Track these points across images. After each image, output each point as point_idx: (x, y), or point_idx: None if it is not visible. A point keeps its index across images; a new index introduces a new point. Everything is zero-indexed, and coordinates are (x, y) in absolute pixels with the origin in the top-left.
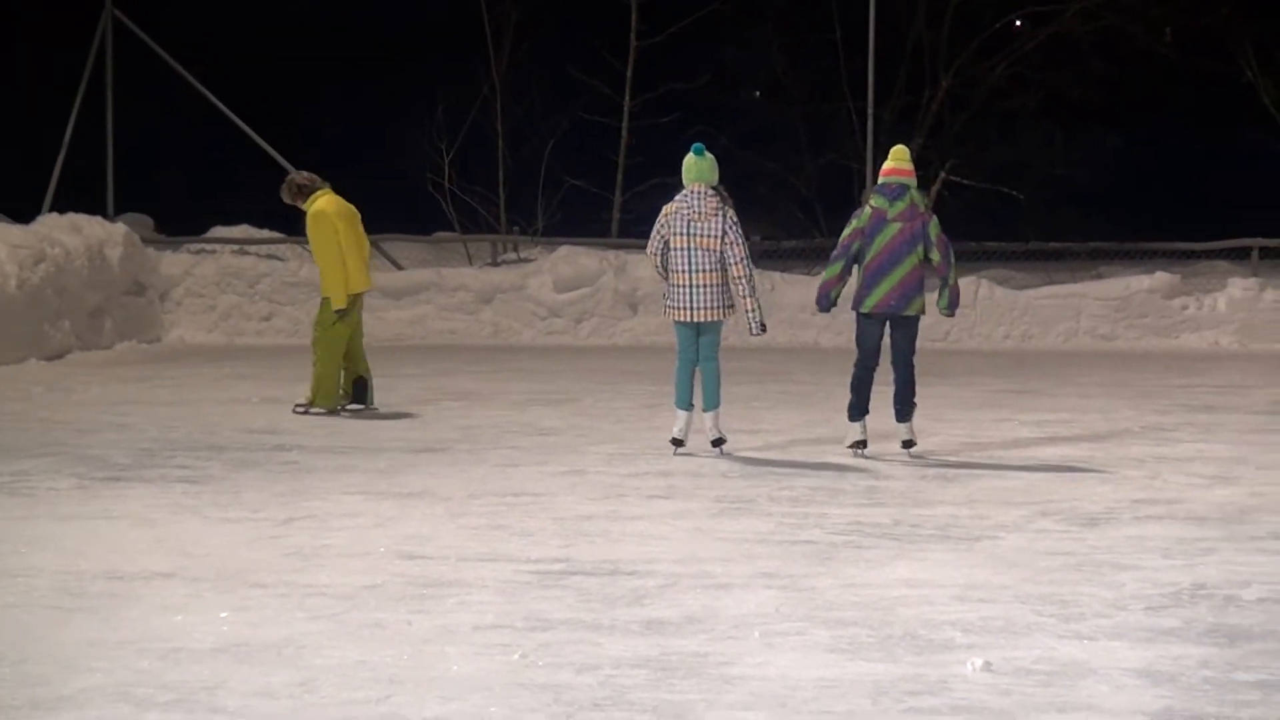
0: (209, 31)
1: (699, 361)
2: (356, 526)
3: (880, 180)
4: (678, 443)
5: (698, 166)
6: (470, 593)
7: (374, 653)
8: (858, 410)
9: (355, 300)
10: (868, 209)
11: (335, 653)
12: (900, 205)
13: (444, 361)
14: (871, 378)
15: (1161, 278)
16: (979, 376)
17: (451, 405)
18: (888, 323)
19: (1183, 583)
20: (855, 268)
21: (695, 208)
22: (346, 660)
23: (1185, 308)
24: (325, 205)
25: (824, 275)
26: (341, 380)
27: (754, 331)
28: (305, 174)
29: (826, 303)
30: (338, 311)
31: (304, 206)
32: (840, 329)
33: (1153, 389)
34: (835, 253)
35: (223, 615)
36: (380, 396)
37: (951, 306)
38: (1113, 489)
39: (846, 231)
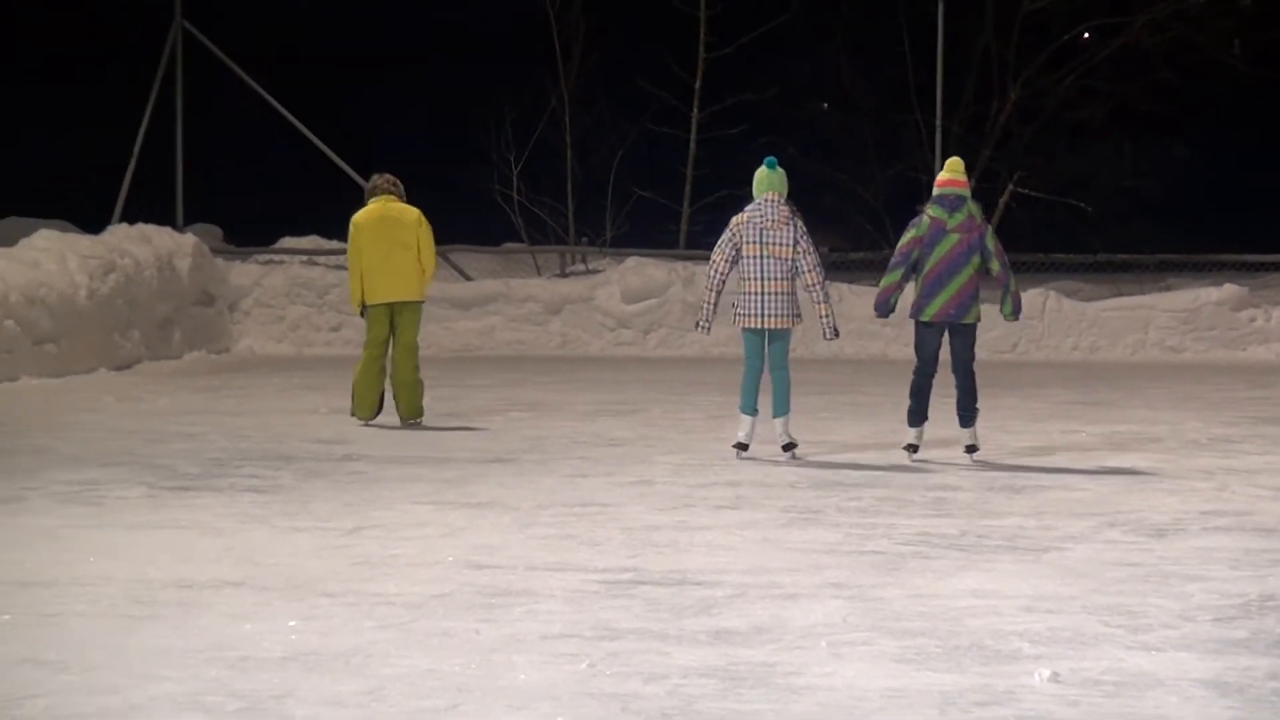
0: (278, 42)
1: (769, 369)
2: (424, 536)
3: (937, 191)
4: (742, 447)
5: (769, 178)
6: (538, 602)
7: (442, 661)
8: (916, 416)
9: (379, 310)
10: (926, 219)
11: (403, 661)
12: (959, 216)
13: (512, 372)
14: (930, 385)
15: (1230, 289)
16: (1046, 388)
17: (520, 416)
18: (946, 331)
19: (1251, 594)
20: (914, 276)
21: (768, 216)
22: (415, 669)
23: (1253, 320)
24: (357, 216)
25: (883, 282)
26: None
27: (827, 336)
28: (375, 178)
29: (885, 308)
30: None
31: None
32: (908, 340)
33: (1220, 401)
34: (894, 260)
35: (291, 624)
36: (448, 406)
37: (1016, 312)
38: (1180, 500)
39: (905, 239)
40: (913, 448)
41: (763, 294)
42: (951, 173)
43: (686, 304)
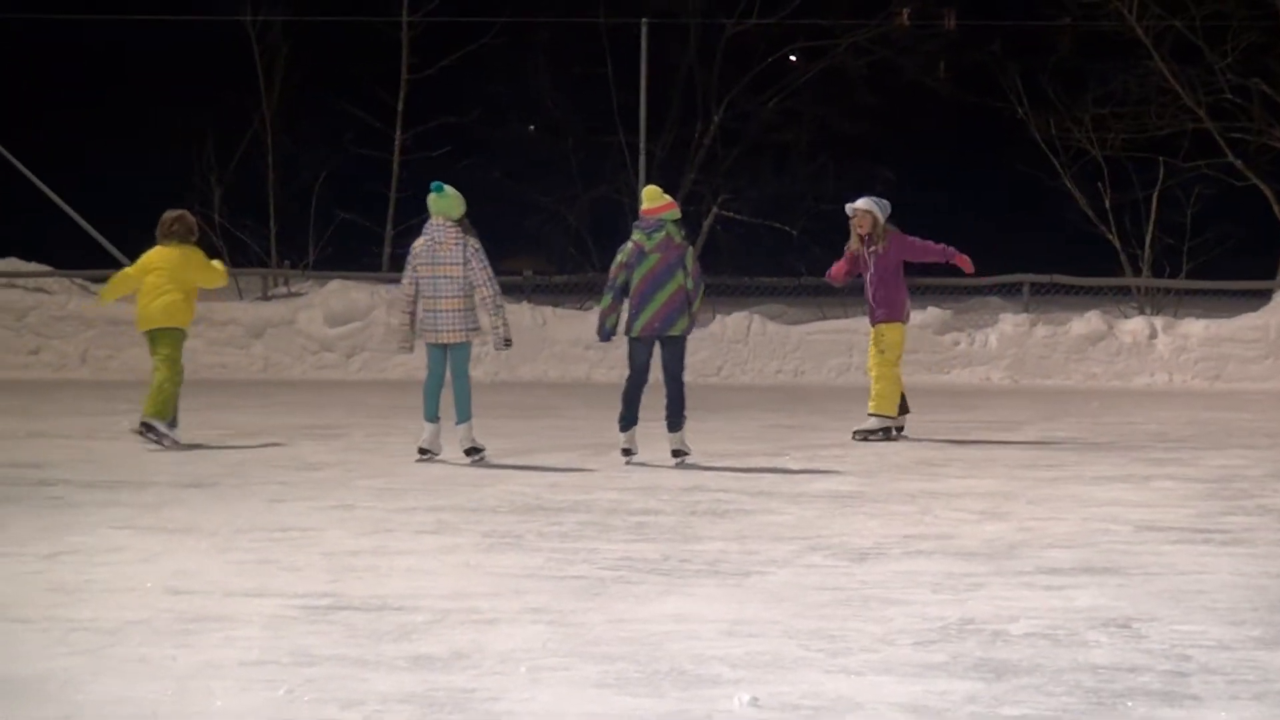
0: None
1: (451, 379)
2: (121, 561)
3: (640, 217)
4: (424, 452)
5: (435, 203)
6: (236, 628)
7: (137, 688)
8: (626, 420)
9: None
10: (630, 244)
11: (98, 688)
12: (657, 237)
13: (213, 396)
14: (639, 393)
15: (933, 313)
16: (751, 411)
17: (220, 440)
18: (656, 343)
19: (951, 618)
20: (625, 299)
21: (436, 239)
22: (109, 695)
23: (957, 343)
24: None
25: (599, 307)
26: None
27: (497, 346)
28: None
29: (605, 333)
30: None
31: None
32: (613, 364)
33: (924, 424)
34: (605, 286)
35: None
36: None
37: (689, 328)
38: (882, 524)
39: (613, 266)
40: (626, 452)
41: (438, 311)
42: (648, 201)
43: (390, 327)
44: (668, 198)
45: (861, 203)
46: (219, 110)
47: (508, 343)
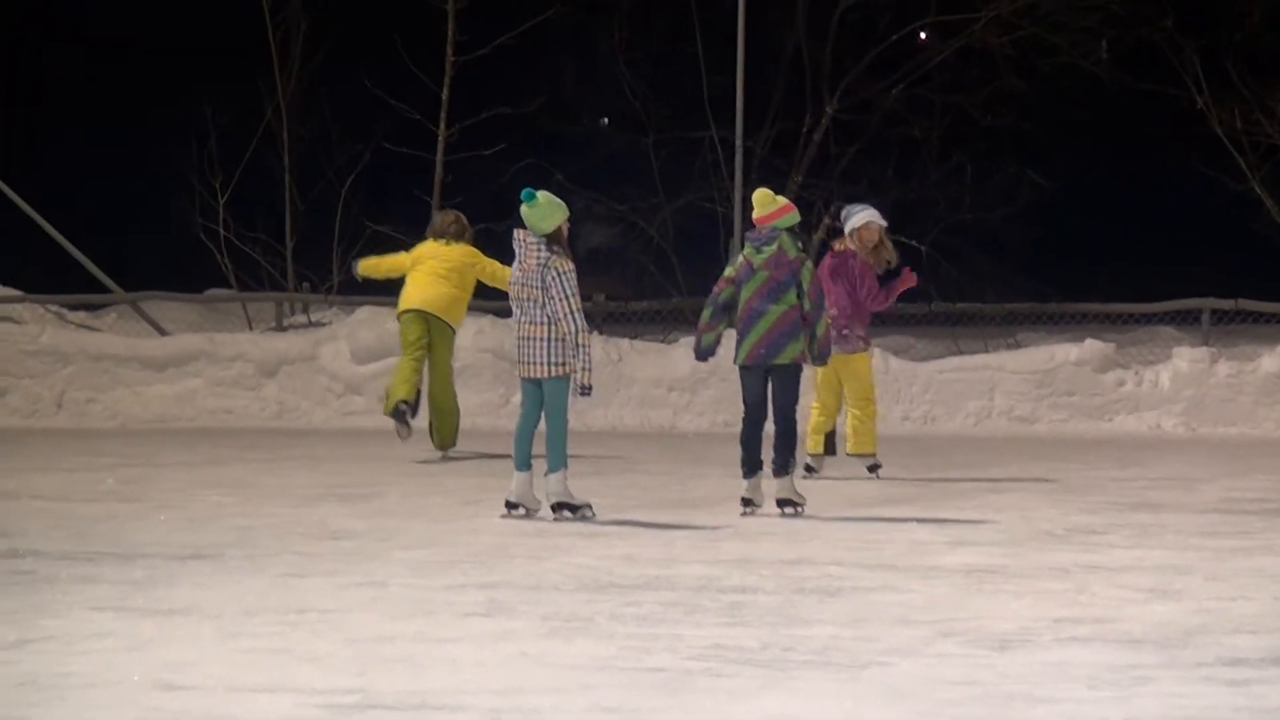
0: None
1: (545, 420)
2: (104, 650)
3: (752, 227)
4: (511, 506)
5: (525, 214)
6: None
7: None
8: (747, 466)
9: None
10: (740, 257)
11: None
12: (768, 251)
13: (217, 447)
14: (758, 432)
15: (1092, 346)
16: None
17: (224, 501)
18: (768, 374)
19: (1112, 718)
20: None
21: (520, 256)
22: None
23: (1121, 384)
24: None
25: (700, 323)
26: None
27: (576, 392)
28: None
29: (701, 351)
30: None
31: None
32: (702, 409)
33: (1080, 483)
34: (707, 300)
35: None
36: (135, 490)
37: (821, 357)
38: (1029, 605)
39: (720, 280)
40: (746, 502)
41: (526, 339)
42: (759, 207)
43: None
44: (782, 200)
45: (873, 213)
46: (223, 97)
47: (586, 390)
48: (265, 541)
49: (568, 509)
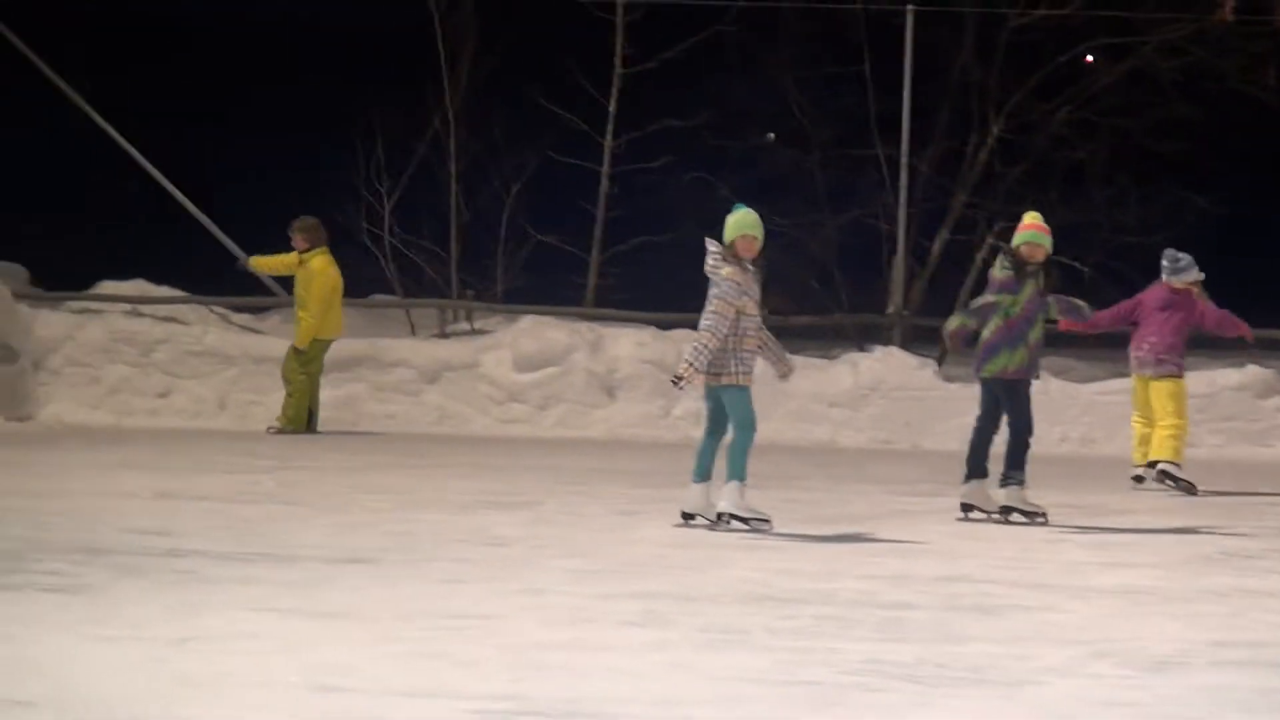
0: (102, 45)
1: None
2: (260, 651)
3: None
4: (687, 517)
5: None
6: None
7: None
8: (968, 470)
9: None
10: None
11: None
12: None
13: (377, 453)
14: (985, 440)
15: (1253, 372)
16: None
17: (383, 506)
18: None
19: None
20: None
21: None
22: None
23: None
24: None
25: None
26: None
27: (671, 380)
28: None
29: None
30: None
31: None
32: (862, 425)
33: (1238, 506)
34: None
35: None
36: (295, 493)
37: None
38: (1186, 627)
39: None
40: (964, 508)
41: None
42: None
43: (592, 374)
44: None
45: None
46: (391, 104)
47: (676, 380)
48: (423, 547)
49: (738, 520)
